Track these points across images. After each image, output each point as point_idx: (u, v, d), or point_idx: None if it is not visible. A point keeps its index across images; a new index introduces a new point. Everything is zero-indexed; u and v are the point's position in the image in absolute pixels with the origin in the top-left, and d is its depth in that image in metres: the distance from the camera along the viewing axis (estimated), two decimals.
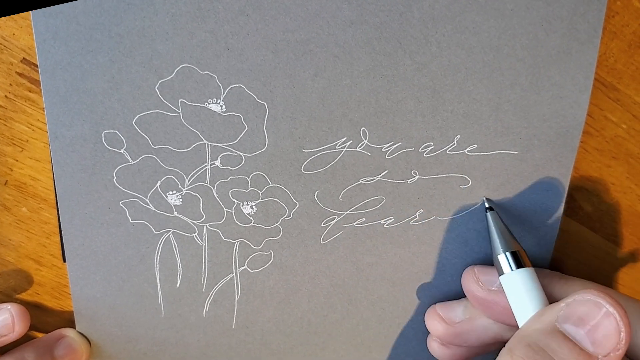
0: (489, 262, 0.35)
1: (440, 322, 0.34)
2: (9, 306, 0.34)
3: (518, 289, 0.29)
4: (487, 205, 0.33)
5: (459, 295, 0.35)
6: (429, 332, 0.36)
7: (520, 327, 0.28)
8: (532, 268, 0.30)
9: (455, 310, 0.34)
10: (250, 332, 0.36)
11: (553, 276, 0.31)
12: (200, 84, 0.30)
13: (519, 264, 0.30)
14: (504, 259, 0.30)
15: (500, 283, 0.31)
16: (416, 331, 0.37)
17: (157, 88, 0.30)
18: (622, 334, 0.24)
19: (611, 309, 0.25)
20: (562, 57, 0.30)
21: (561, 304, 0.26)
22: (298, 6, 0.29)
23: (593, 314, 0.25)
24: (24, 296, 0.35)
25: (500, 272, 0.30)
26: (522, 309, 0.29)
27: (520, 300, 0.29)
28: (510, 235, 0.31)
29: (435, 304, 0.35)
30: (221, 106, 0.30)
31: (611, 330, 0.24)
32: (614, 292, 0.30)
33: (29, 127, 0.32)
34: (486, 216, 0.33)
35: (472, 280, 0.32)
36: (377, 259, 0.35)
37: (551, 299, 0.29)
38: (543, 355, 0.25)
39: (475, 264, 0.34)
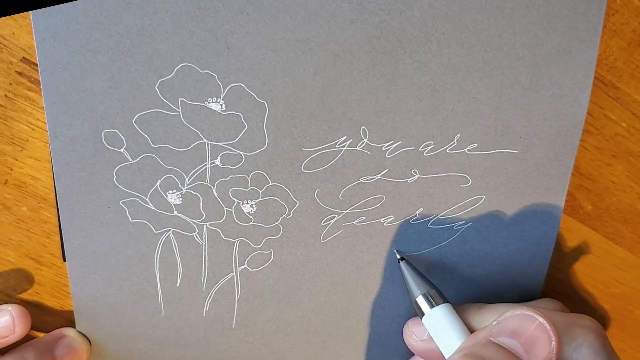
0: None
1: (412, 336, 0.35)
2: (9, 307, 0.34)
3: (440, 324, 0.30)
4: (398, 257, 0.34)
5: (459, 294, 0.35)
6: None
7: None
8: (448, 304, 0.31)
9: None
10: (250, 331, 0.36)
11: (469, 309, 0.32)
12: (200, 82, 0.30)
13: (436, 303, 0.31)
14: (422, 301, 0.31)
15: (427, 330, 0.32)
16: None
17: (157, 87, 0.30)
18: (553, 344, 0.26)
19: (541, 320, 0.26)
20: (562, 56, 0.30)
21: (493, 323, 0.28)
22: (298, 5, 0.29)
23: (525, 326, 0.27)
24: (24, 295, 0.35)
25: (421, 314, 0.32)
26: (447, 342, 0.30)
27: (444, 335, 0.30)
28: (423, 278, 0.32)
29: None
30: (221, 105, 0.30)
31: (544, 340, 0.26)
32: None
33: (28, 127, 0.32)
34: (399, 266, 0.34)
35: (408, 334, 0.34)
36: (377, 257, 0.35)
37: (472, 330, 0.30)
38: None
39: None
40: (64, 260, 0.34)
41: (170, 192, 0.32)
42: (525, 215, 0.34)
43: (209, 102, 0.30)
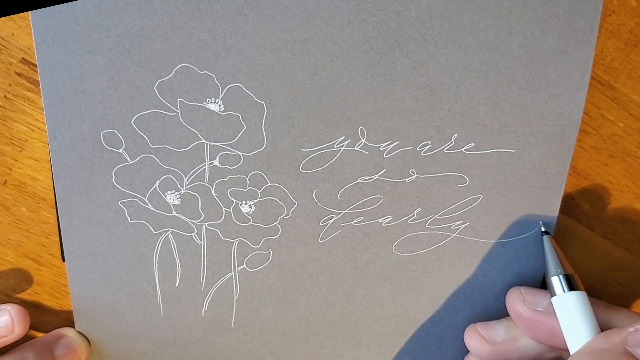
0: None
1: (482, 341, 0.34)
2: (8, 307, 0.34)
3: (570, 311, 0.30)
4: (543, 230, 0.33)
5: (458, 293, 0.36)
6: (426, 330, 0.36)
7: (570, 350, 0.28)
8: (584, 292, 0.30)
9: (497, 330, 0.34)
10: (249, 331, 0.36)
11: (599, 304, 0.31)
12: (198, 83, 0.30)
13: (572, 288, 0.30)
14: (557, 281, 0.31)
15: (548, 304, 0.31)
16: (414, 329, 0.37)
17: (156, 88, 0.30)
18: None
19: None
20: (559, 56, 0.30)
21: (630, 329, 0.26)
22: (296, 6, 0.29)
23: None
24: (23, 296, 0.35)
25: (553, 294, 0.31)
26: (574, 331, 0.29)
27: (572, 322, 0.29)
28: (564, 259, 0.31)
29: (475, 323, 0.35)
30: (220, 105, 0.31)
31: None
32: None
33: (28, 127, 0.32)
34: (542, 240, 0.33)
35: (519, 299, 0.32)
36: (375, 257, 0.35)
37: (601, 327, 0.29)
38: None
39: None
40: (63, 260, 0.34)
41: (169, 192, 0.32)
42: (522, 215, 0.34)
43: (207, 103, 0.30)
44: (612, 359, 0.26)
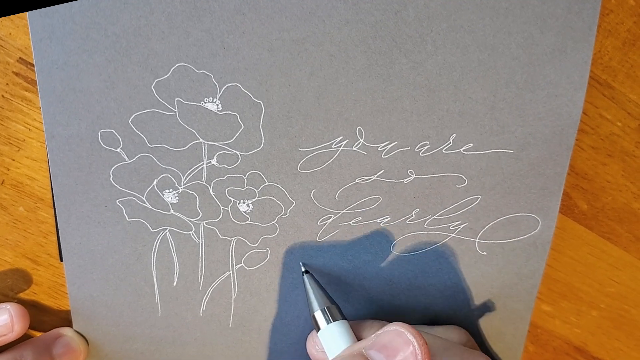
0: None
1: (313, 347, 0.35)
2: (8, 306, 0.34)
3: (334, 340, 0.31)
4: (303, 269, 0.34)
5: (456, 293, 0.36)
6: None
7: None
8: (345, 320, 0.32)
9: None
10: (247, 330, 0.37)
11: (373, 325, 0.33)
12: (196, 82, 0.30)
13: (334, 319, 0.32)
14: (320, 316, 0.32)
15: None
16: None
17: (153, 87, 0.30)
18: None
19: (411, 338, 0.26)
20: (557, 56, 0.30)
21: (372, 336, 0.28)
22: (294, 5, 0.29)
23: (395, 342, 0.27)
24: (21, 295, 0.35)
25: (318, 329, 0.32)
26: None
27: (336, 349, 0.31)
28: (324, 294, 0.33)
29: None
30: (217, 105, 0.31)
31: (409, 357, 0.26)
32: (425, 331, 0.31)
33: (25, 127, 0.32)
34: (303, 279, 0.34)
35: (310, 344, 0.35)
36: (374, 257, 0.35)
37: None
38: None
39: None
40: (61, 260, 0.34)
41: (167, 191, 0.32)
42: (521, 215, 0.34)
43: (205, 102, 0.30)
44: None
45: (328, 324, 0.32)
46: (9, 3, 0.29)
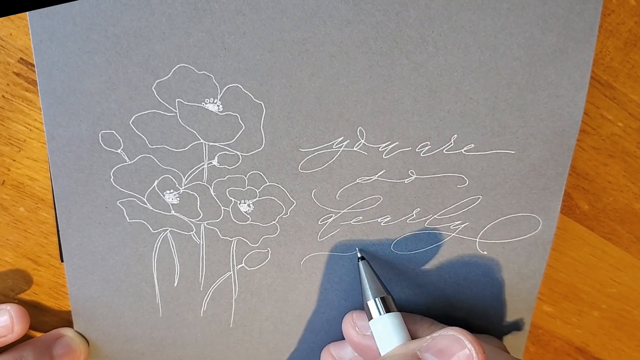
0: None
1: (354, 327, 0.35)
2: (8, 307, 0.34)
3: (386, 332, 0.31)
4: (359, 255, 0.34)
5: (456, 293, 0.35)
6: None
7: None
8: (399, 312, 0.31)
9: (346, 350, 0.36)
10: (248, 330, 0.37)
11: (424, 322, 0.32)
12: (197, 83, 0.30)
13: (388, 310, 0.31)
14: (374, 305, 0.32)
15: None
16: None
17: (154, 88, 0.30)
18: None
19: (469, 346, 0.26)
20: (559, 56, 0.30)
21: (427, 338, 0.28)
22: (295, 6, 0.29)
23: (453, 348, 0.26)
24: (21, 296, 0.35)
25: (370, 317, 0.32)
26: (389, 350, 0.30)
27: (388, 342, 0.30)
28: (380, 283, 0.32)
29: (330, 343, 0.37)
30: (218, 106, 0.30)
31: None
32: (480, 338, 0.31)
33: (26, 127, 0.32)
34: (358, 265, 0.34)
35: (350, 325, 0.34)
36: (374, 255, 0.35)
37: None
38: None
39: None
40: (62, 260, 0.34)
41: (168, 192, 0.32)
42: (521, 215, 0.34)
43: (206, 103, 0.30)
44: None
45: (381, 314, 0.31)
46: (9, 3, 0.29)
